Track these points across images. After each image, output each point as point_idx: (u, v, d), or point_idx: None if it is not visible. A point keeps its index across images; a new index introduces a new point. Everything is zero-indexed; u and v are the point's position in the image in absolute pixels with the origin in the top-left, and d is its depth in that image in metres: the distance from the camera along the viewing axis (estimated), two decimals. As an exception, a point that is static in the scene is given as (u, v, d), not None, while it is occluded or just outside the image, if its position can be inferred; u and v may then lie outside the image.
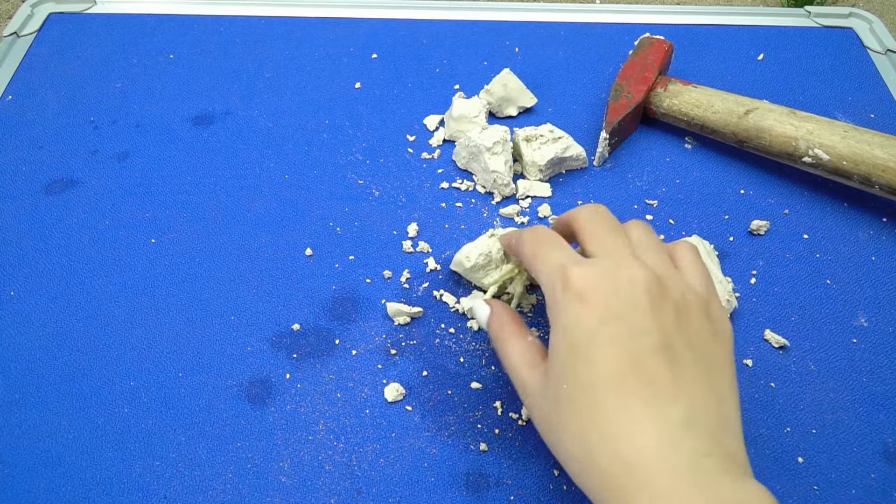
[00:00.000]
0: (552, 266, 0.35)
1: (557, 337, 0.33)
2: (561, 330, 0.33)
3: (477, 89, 0.63)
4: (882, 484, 0.42)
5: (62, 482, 0.41)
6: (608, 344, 0.31)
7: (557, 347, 0.33)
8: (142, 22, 0.69)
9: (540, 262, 0.36)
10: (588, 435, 0.31)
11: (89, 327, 0.48)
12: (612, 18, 0.72)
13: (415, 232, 0.53)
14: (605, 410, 0.31)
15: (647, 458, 0.29)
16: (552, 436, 0.34)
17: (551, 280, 0.34)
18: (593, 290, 0.32)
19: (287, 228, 0.54)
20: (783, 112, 0.56)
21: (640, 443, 0.30)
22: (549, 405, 0.33)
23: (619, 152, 0.60)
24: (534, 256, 0.37)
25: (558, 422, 0.33)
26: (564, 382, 0.32)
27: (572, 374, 0.32)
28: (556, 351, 0.33)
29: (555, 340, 0.33)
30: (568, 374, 0.32)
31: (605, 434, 0.31)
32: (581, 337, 0.32)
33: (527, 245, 0.38)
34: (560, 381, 0.33)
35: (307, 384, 0.46)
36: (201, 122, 0.61)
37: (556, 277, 0.34)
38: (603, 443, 0.30)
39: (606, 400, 0.31)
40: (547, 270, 0.35)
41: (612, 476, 0.30)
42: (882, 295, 0.51)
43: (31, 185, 0.56)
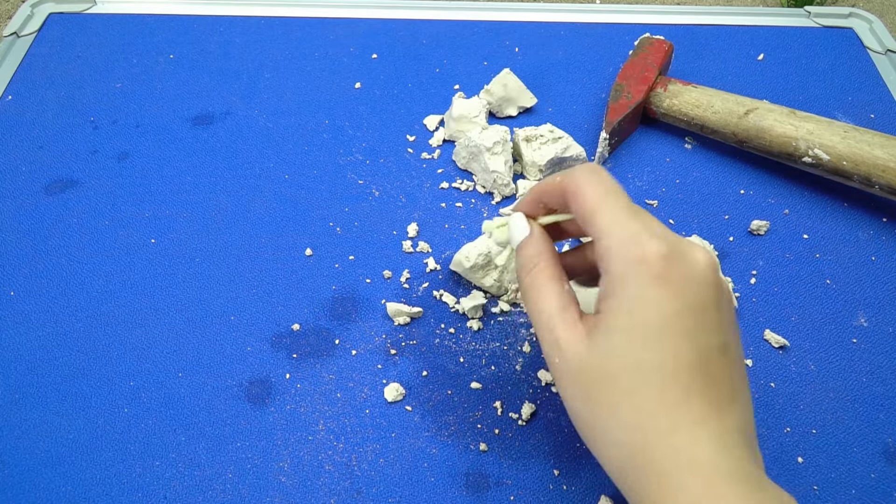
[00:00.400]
0: (625, 229, 0.30)
1: (620, 309, 0.30)
2: (627, 304, 0.29)
3: (477, 89, 0.63)
4: (882, 484, 0.42)
5: (62, 482, 0.41)
6: (681, 336, 0.29)
7: (618, 321, 0.30)
8: (142, 22, 0.69)
9: (607, 220, 0.31)
10: (645, 423, 0.29)
11: (89, 327, 0.48)
12: (612, 18, 0.72)
13: (415, 232, 0.53)
14: (667, 403, 0.29)
15: (706, 459, 0.28)
16: (589, 413, 0.30)
17: (623, 246, 0.30)
18: (673, 273, 0.29)
19: (287, 228, 0.54)
20: (783, 112, 0.56)
21: (701, 443, 0.28)
22: (592, 378, 0.30)
23: (619, 152, 0.60)
24: (596, 210, 0.31)
25: (605, 401, 0.30)
26: (622, 361, 0.29)
27: (634, 357, 0.29)
28: (617, 324, 0.30)
29: (615, 311, 0.30)
30: (629, 354, 0.29)
31: (664, 427, 0.28)
32: (655, 322, 0.29)
33: (589, 190, 0.32)
34: (614, 356, 0.30)
35: (307, 384, 0.46)
36: (201, 122, 0.61)
37: (631, 246, 0.30)
38: (660, 435, 0.28)
39: (671, 392, 0.29)
40: (617, 233, 0.30)
41: (663, 472, 0.28)
42: (882, 295, 0.51)
43: (31, 185, 0.56)
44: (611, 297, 0.30)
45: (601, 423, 0.30)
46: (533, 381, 0.46)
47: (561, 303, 0.32)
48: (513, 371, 0.46)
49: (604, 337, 0.30)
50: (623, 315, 0.30)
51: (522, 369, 0.46)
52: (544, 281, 0.33)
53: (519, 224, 0.36)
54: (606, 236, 0.31)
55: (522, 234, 0.35)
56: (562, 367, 0.32)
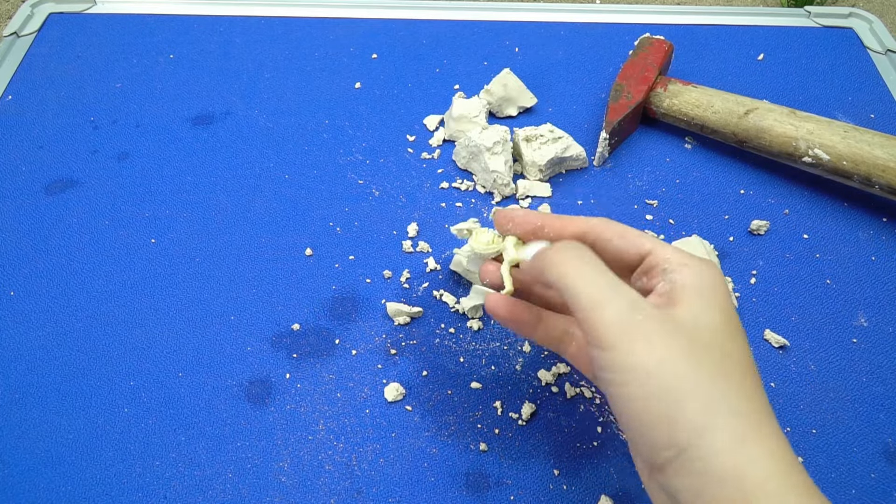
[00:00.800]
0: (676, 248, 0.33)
1: (698, 303, 0.30)
2: (707, 304, 0.30)
3: (477, 89, 0.63)
4: (882, 484, 0.42)
5: (62, 482, 0.41)
6: (741, 334, 0.31)
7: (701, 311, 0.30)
8: (142, 22, 0.69)
9: (656, 240, 0.34)
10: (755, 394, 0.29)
11: (89, 327, 0.48)
12: (612, 18, 0.72)
13: (415, 232, 0.53)
14: (745, 387, 0.29)
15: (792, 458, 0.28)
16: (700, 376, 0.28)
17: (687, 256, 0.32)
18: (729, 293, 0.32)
19: (287, 228, 0.54)
20: (783, 112, 0.56)
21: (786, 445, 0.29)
22: (694, 345, 0.29)
23: (619, 152, 0.60)
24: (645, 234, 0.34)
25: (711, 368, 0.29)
26: (721, 338, 0.30)
27: (733, 338, 0.30)
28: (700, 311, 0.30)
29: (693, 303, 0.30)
30: (727, 334, 0.30)
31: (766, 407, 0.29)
32: (737, 319, 0.31)
33: (626, 226, 0.35)
34: (715, 333, 0.30)
35: (307, 384, 0.46)
36: (201, 122, 0.61)
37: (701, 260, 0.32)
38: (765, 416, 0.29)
39: (746, 380, 0.29)
40: (673, 248, 0.33)
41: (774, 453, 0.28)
42: (882, 295, 0.51)
43: (31, 185, 0.56)
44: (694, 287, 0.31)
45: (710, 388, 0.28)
46: (533, 381, 0.46)
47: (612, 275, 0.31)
48: (513, 371, 0.46)
49: (696, 313, 0.30)
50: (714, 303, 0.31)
51: (522, 369, 0.46)
52: (589, 253, 0.32)
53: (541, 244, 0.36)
54: (667, 249, 0.33)
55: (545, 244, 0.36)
56: (650, 324, 0.29)
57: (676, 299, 0.31)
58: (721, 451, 0.27)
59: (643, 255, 0.33)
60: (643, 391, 0.28)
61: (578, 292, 0.30)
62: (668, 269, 0.32)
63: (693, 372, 0.28)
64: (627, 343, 0.29)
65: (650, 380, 0.28)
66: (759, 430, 0.28)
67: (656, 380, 0.28)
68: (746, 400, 0.29)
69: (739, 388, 0.29)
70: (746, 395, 0.29)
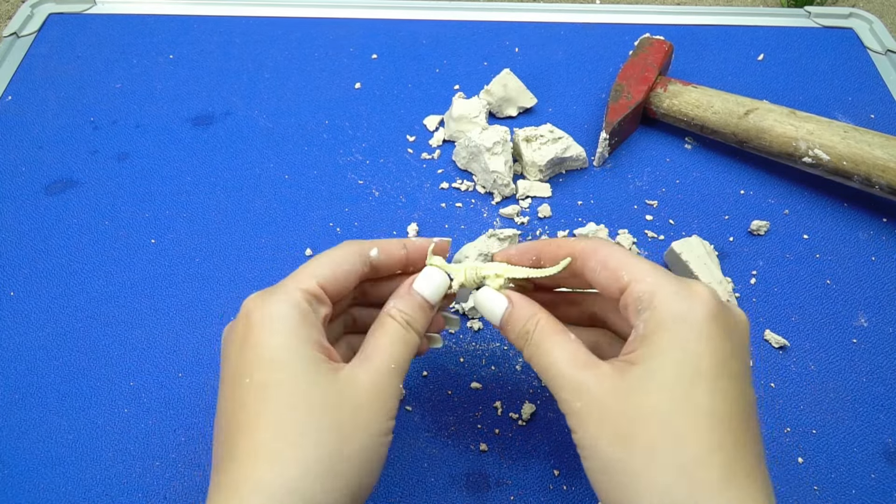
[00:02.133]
0: (666, 275, 0.31)
1: (670, 347, 0.29)
2: (679, 342, 0.28)
3: (477, 89, 0.63)
4: (882, 484, 0.42)
5: (62, 482, 0.41)
6: (732, 380, 0.28)
7: (667, 357, 0.28)
8: (142, 22, 0.69)
9: (643, 268, 0.31)
10: (694, 471, 0.26)
11: (89, 327, 0.48)
12: (612, 18, 0.72)
13: (415, 232, 0.53)
14: (719, 451, 0.27)
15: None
16: (624, 453, 0.28)
17: (670, 286, 0.30)
18: (725, 316, 0.29)
19: (287, 228, 0.54)
20: (783, 112, 0.56)
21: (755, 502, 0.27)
22: (630, 416, 0.28)
23: (619, 152, 0.60)
24: (628, 261, 0.32)
25: (644, 440, 0.28)
26: (669, 398, 0.28)
27: (684, 395, 0.28)
28: (665, 361, 0.28)
29: (663, 348, 0.29)
30: (678, 392, 0.28)
31: (716, 478, 0.26)
32: (710, 361, 0.28)
33: (613, 248, 0.33)
34: (660, 393, 0.28)
35: (307, 384, 0.45)
36: (201, 122, 0.61)
37: (681, 287, 0.30)
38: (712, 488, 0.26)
39: (724, 439, 0.27)
40: (659, 277, 0.30)
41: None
42: (882, 295, 0.51)
43: (31, 185, 0.56)
44: (656, 334, 0.29)
45: (637, 465, 0.27)
46: (533, 381, 0.46)
47: (574, 349, 0.31)
48: (513, 371, 0.46)
49: (647, 373, 0.29)
50: (673, 352, 0.28)
51: (522, 369, 0.46)
52: (549, 335, 0.32)
53: (494, 298, 0.35)
54: (644, 279, 0.30)
55: (501, 305, 0.34)
56: (586, 409, 0.29)
57: (633, 356, 0.29)
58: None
59: (622, 289, 0.31)
60: (589, 465, 0.30)
61: (548, 385, 0.32)
62: (640, 310, 0.30)
63: (621, 451, 0.28)
64: (576, 425, 0.30)
65: (591, 458, 0.29)
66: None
67: (594, 460, 0.29)
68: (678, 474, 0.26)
69: (675, 460, 0.27)
70: (683, 466, 0.27)
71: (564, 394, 0.30)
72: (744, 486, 0.27)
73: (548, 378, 0.31)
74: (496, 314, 0.34)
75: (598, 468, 0.29)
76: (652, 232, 0.54)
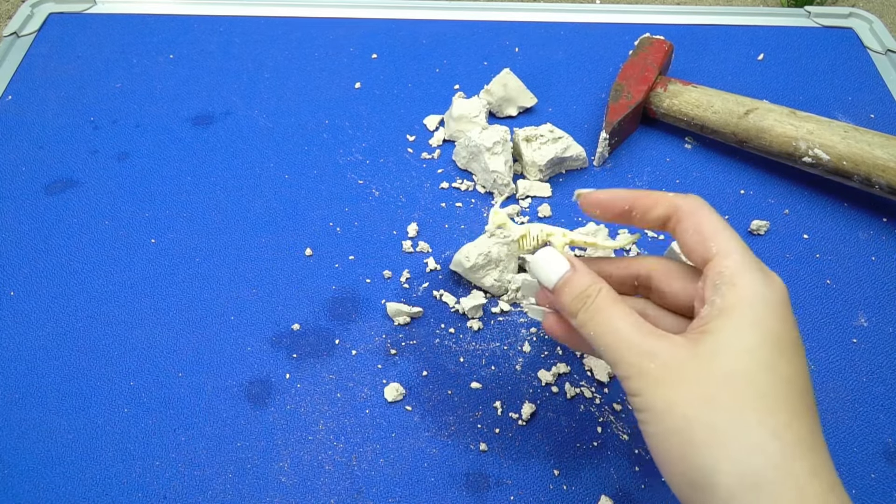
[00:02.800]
0: (750, 255, 0.31)
1: (748, 319, 0.29)
2: (755, 316, 0.29)
3: (477, 89, 0.63)
4: (882, 484, 0.42)
5: (62, 482, 0.41)
6: (803, 360, 0.30)
7: (747, 331, 0.29)
8: (142, 22, 0.69)
9: (732, 243, 0.32)
10: (783, 432, 0.27)
11: (89, 327, 0.48)
12: (612, 18, 0.72)
13: (415, 232, 0.53)
14: (800, 416, 0.28)
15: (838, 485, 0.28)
16: (710, 414, 0.28)
17: (752, 266, 0.31)
18: (790, 302, 0.31)
19: (287, 228, 0.54)
20: (783, 112, 0.56)
21: (830, 469, 0.28)
22: (714, 378, 0.28)
23: (619, 152, 0.60)
24: (720, 230, 0.32)
25: (732, 401, 0.28)
26: (755, 361, 0.28)
27: (770, 366, 0.28)
28: (745, 330, 0.29)
29: (741, 319, 0.29)
30: (764, 361, 0.28)
31: (804, 438, 0.27)
32: (787, 338, 0.29)
33: (709, 213, 0.33)
34: (746, 356, 0.29)
35: (307, 384, 0.46)
36: (201, 122, 0.61)
37: (759, 271, 0.31)
38: (799, 449, 0.27)
39: (803, 406, 0.28)
40: (743, 255, 0.31)
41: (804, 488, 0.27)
42: (882, 295, 0.51)
43: (31, 185, 0.56)
44: (736, 309, 0.30)
45: (724, 424, 0.28)
46: (533, 381, 0.46)
47: (638, 319, 0.31)
48: (513, 371, 0.46)
49: (728, 340, 0.29)
50: (754, 325, 0.29)
51: (522, 369, 0.46)
52: (611, 303, 0.32)
53: (554, 259, 0.34)
54: (731, 255, 0.31)
55: (562, 269, 0.34)
56: (660, 371, 0.29)
57: (710, 326, 0.30)
58: (734, 493, 0.27)
59: (706, 258, 0.32)
60: (658, 430, 0.29)
61: (605, 350, 0.32)
62: (718, 285, 0.30)
63: (704, 411, 0.28)
64: (644, 387, 0.30)
65: (663, 420, 0.29)
66: (790, 466, 0.27)
67: (668, 421, 0.29)
68: (771, 435, 0.27)
69: (765, 421, 0.27)
70: (774, 428, 0.27)
71: (631, 357, 0.30)
72: (823, 453, 0.28)
73: (607, 343, 0.31)
74: (553, 277, 0.34)
75: (671, 429, 0.29)
76: (652, 232, 0.54)
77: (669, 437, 0.29)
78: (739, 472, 0.27)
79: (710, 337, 0.29)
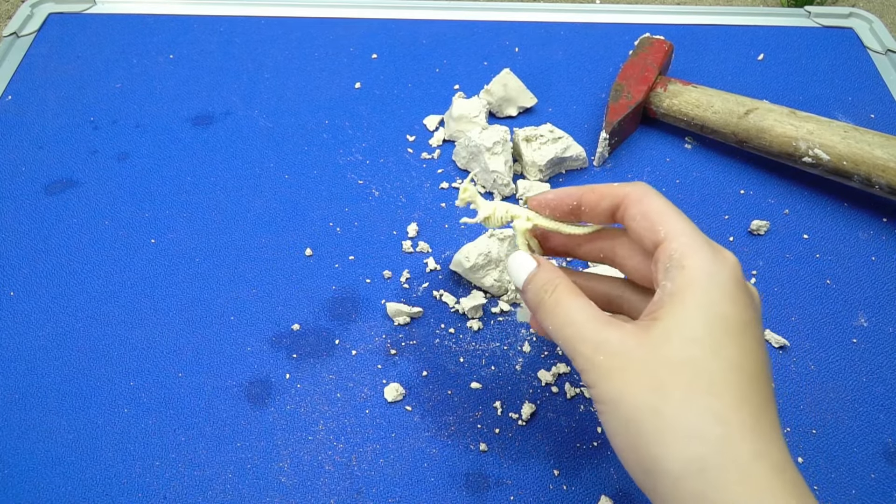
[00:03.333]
0: (699, 236, 0.32)
1: (699, 304, 0.29)
2: (707, 299, 0.29)
3: (477, 89, 0.63)
4: (882, 484, 0.42)
5: (62, 482, 0.41)
6: (757, 343, 0.30)
7: (696, 313, 0.29)
8: (142, 22, 0.69)
9: (679, 225, 0.32)
10: (730, 416, 0.27)
11: (89, 327, 0.48)
12: (612, 18, 0.72)
13: (415, 232, 0.53)
14: (750, 402, 0.28)
15: (790, 468, 0.28)
16: (659, 401, 0.28)
17: (702, 248, 0.31)
18: (745, 284, 0.31)
19: (287, 228, 0.54)
20: (783, 112, 0.56)
21: (781, 451, 0.28)
22: (662, 364, 0.29)
23: (619, 152, 0.60)
24: (666, 214, 0.32)
25: (680, 388, 0.28)
26: (701, 349, 0.29)
27: (715, 347, 0.29)
28: (694, 316, 0.29)
29: (692, 304, 0.29)
30: (709, 344, 0.29)
31: (749, 424, 0.27)
32: (737, 321, 0.29)
33: (656, 199, 0.34)
34: (693, 344, 0.29)
35: (307, 384, 0.46)
36: (201, 122, 0.61)
37: (711, 250, 0.31)
38: (745, 433, 0.27)
39: (753, 392, 0.28)
40: (692, 236, 0.32)
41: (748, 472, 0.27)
42: (882, 295, 0.51)
43: (31, 185, 0.56)
44: (684, 292, 0.30)
45: (670, 410, 0.28)
46: (533, 381, 0.46)
47: (594, 311, 0.32)
48: (513, 371, 0.46)
49: (675, 327, 0.29)
50: (702, 309, 0.29)
51: (522, 369, 0.46)
52: (568, 296, 0.33)
53: (522, 260, 0.35)
54: (679, 237, 0.31)
55: (529, 267, 0.35)
56: (610, 362, 0.30)
57: (660, 312, 0.30)
58: (680, 478, 0.27)
59: (656, 243, 0.32)
60: (612, 420, 0.30)
61: (564, 345, 0.32)
62: (669, 268, 0.31)
63: (652, 399, 0.28)
64: (597, 379, 0.30)
65: (617, 410, 0.29)
66: (734, 450, 0.27)
67: (622, 410, 0.29)
68: (715, 420, 0.27)
69: (711, 406, 0.27)
70: (719, 413, 0.27)
71: (584, 349, 0.31)
72: (770, 436, 0.28)
73: (565, 336, 0.32)
74: (522, 275, 0.35)
75: (623, 418, 0.29)
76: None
77: (623, 427, 0.29)
78: (685, 457, 0.27)
79: (659, 324, 0.30)
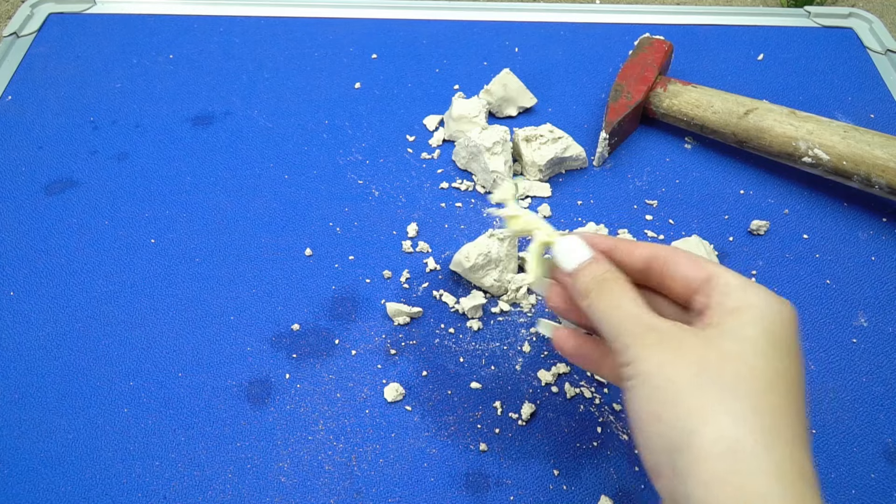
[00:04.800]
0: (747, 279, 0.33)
1: (750, 321, 0.30)
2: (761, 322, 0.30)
3: (477, 89, 0.63)
4: (882, 484, 0.42)
5: (62, 482, 0.41)
6: (802, 366, 0.31)
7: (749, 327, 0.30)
8: (142, 22, 0.69)
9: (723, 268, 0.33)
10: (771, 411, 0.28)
11: (89, 327, 0.48)
12: (612, 18, 0.72)
13: (414, 232, 0.53)
14: (791, 410, 0.29)
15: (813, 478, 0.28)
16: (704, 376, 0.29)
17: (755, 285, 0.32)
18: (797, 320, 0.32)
19: (287, 228, 0.54)
20: (783, 112, 0.56)
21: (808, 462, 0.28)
22: (710, 352, 0.29)
23: (619, 152, 0.60)
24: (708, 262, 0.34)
25: (727, 373, 0.29)
26: (752, 351, 0.29)
27: (767, 357, 0.29)
28: (746, 328, 0.30)
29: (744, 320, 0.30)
30: (761, 351, 0.29)
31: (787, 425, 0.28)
32: (787, 345, 0.30)
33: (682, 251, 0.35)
34: (746, 346, 0.29)
35: (307, 384, 0.46)
36: (201, 122, 0.61)
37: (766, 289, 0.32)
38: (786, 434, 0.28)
39: (794, 401, 0.29)
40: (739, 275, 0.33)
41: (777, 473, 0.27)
42: (882, 295, 0.51)
43: (31, 185, 0.56)
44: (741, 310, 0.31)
45: (717, 389, 0.28)
46: (533, 381, 0.46)
47: (645, 304, 0.32)
48: (513, 371, 0.46)
49: (730, 329, 0.30)
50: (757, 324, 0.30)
51: (522, 369, 0.46)
52: (624, 285, 0.33)
53: (577, 245, 0.35)
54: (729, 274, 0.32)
55: (585, 255, 0.35)
56: (663, 338, 0.30)
57: (717, 320, 0.31)
58: (709, 456, 0.27)
59: (707, 277, 0.33)
60: (643, 389, 0.30)
61: (609, 326, 0.32)
62: (727, 292, 0.31)
63: (694, 378, 0.29)
64: (638, 352, 0.30)
65: (649, 380, 0.30)
66: (774, 441, 0.27)
67: (655, 380, 0.29)
68: (753, 411, 0.27)
69: (752, 395, 0.28)
70: (758, 406, 0.28)
71: (635, 328, 0.31)
72: (806, 446, 0.28)
73: (613, 318, 0.32)
74: (576, 259, 0.35)
75: (655, 387, 0.29)
76: (652, 232, 0.54)
77: (653, 395, 0.29)
78: (720, 434, 0.27)
79: (710, 328, 0.30)
